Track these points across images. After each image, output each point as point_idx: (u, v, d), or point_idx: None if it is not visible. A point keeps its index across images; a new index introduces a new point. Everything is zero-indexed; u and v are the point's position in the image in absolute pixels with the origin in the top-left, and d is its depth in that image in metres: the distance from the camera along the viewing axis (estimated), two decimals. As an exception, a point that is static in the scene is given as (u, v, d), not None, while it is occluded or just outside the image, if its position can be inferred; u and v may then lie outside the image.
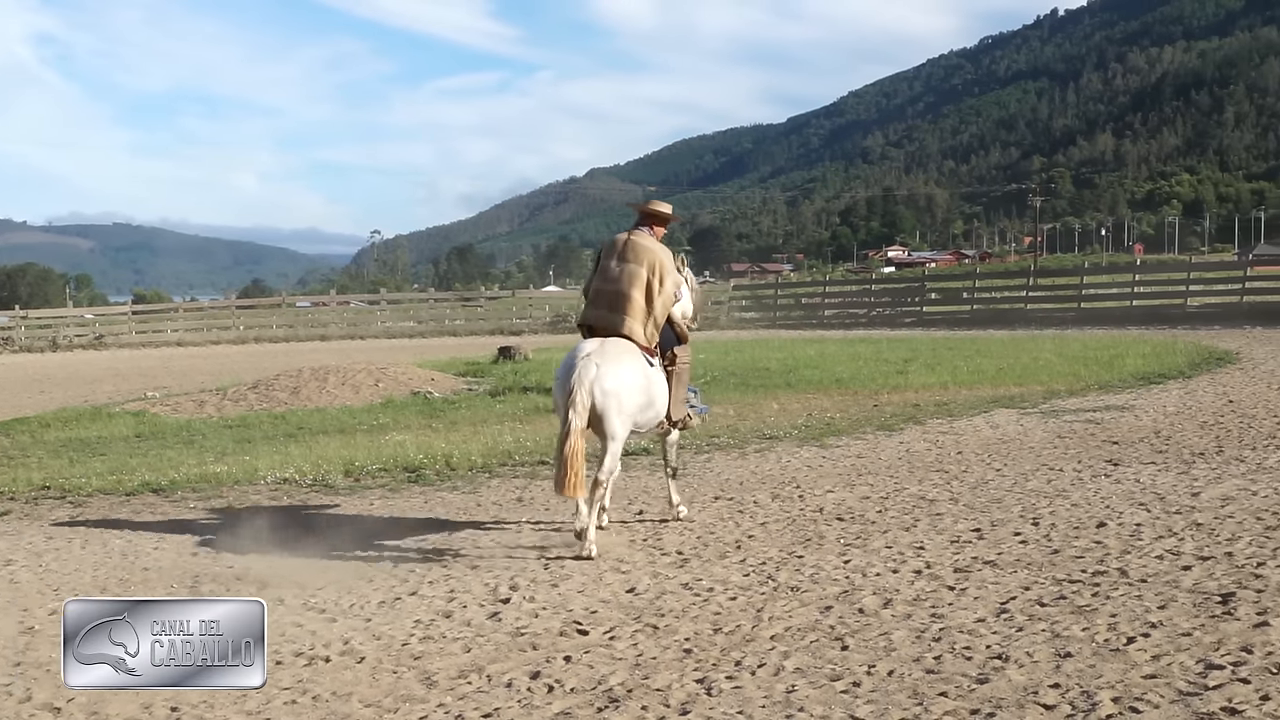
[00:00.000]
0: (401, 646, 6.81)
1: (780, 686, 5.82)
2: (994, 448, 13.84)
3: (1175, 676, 5.59)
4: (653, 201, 10.57)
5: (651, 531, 9.89)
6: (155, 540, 10.20)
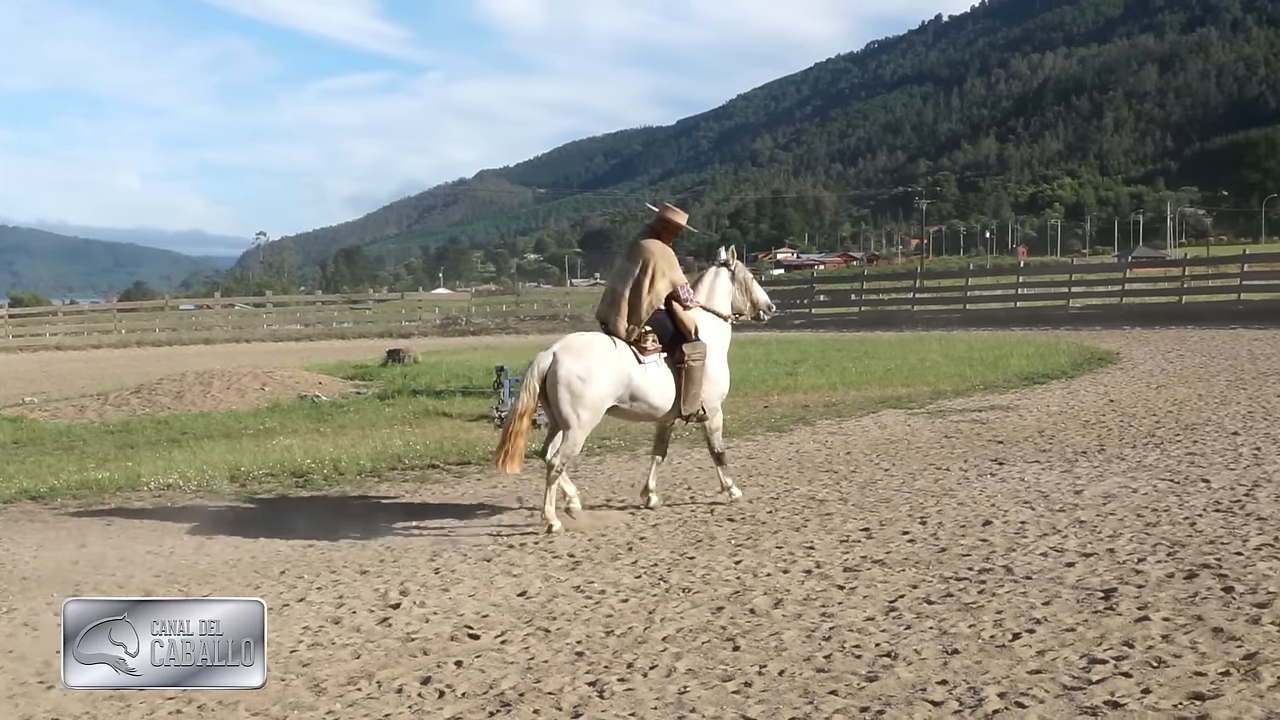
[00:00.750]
0: (290, 654, 6.73)
1: (672, 688, 5.83)
2: (882, 448, 14.00)
3: (1059, 671, 5.69)
4: (666, 208, 10.85)
5: (543, 534, 9.86)
6: (34, 549, 9.99)
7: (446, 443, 15.13)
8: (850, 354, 28.42)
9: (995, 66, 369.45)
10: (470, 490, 12.42)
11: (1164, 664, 5.67)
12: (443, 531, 10.18)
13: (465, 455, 14.29)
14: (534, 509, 10.90)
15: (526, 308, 62.59)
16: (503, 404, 18.09)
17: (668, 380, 10.28)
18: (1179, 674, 5.52)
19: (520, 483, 12.67)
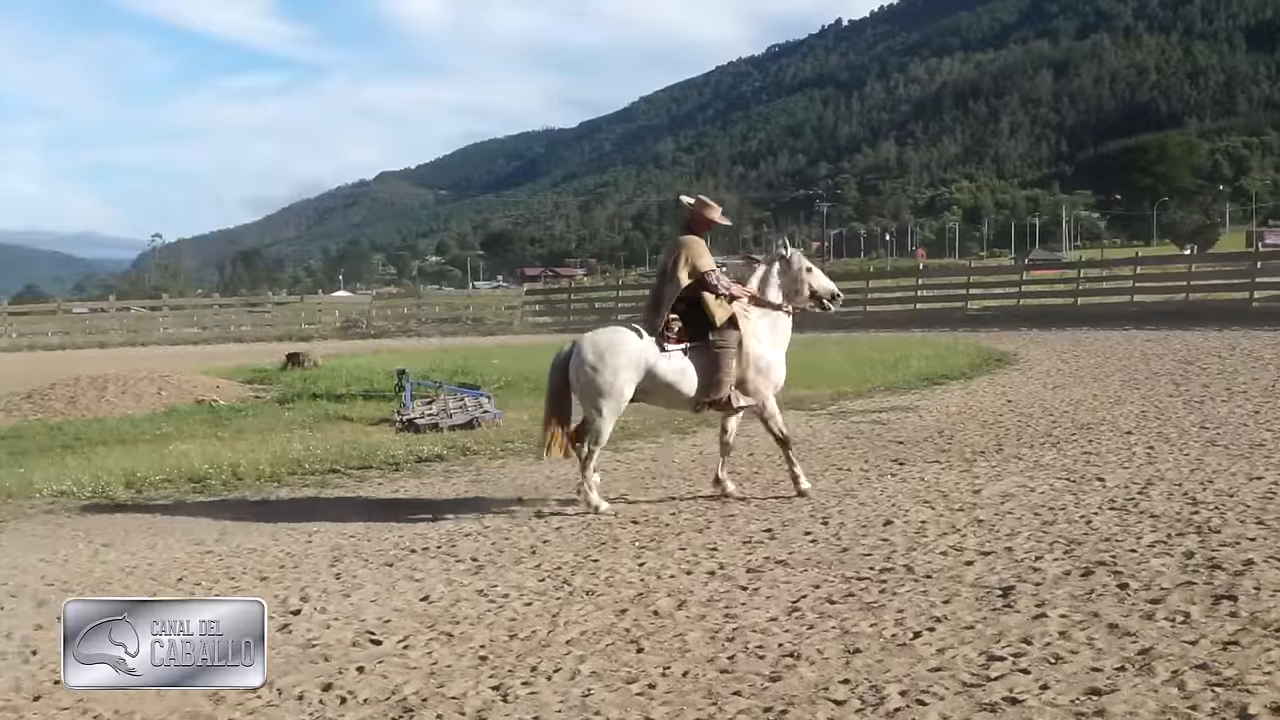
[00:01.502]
0: (187, 662, 6.62)
1: (576, 691, 5.82)
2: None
3: (959, 669, 5.76)
4: (700, 201, 11.07)
5: (446, 539, 9.79)
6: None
7: (347, 447, 14.98)
8: (753, 356, 28.50)
9: (894, 71, 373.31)
10: (372, 495, 12.31)
11: (1061, 660, 5.76)
12: (344, 536, 10.08)
13: (366, 460, 14.15)
14: (439, 517, 10.85)
15: (428, 310, 62.16)
16: (404, 408, 17.96)
17: (695, 369, 10.46)
18: (1076, 670, 5.61)
19: (423, 487, 12.60)
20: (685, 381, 10.44)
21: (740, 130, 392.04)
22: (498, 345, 40.16)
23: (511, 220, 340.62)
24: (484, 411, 17.40)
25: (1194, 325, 31.93)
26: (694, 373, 10.43)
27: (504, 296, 76.42)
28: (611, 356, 10.40)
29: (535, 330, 51.37)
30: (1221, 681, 5.29)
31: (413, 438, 15.88)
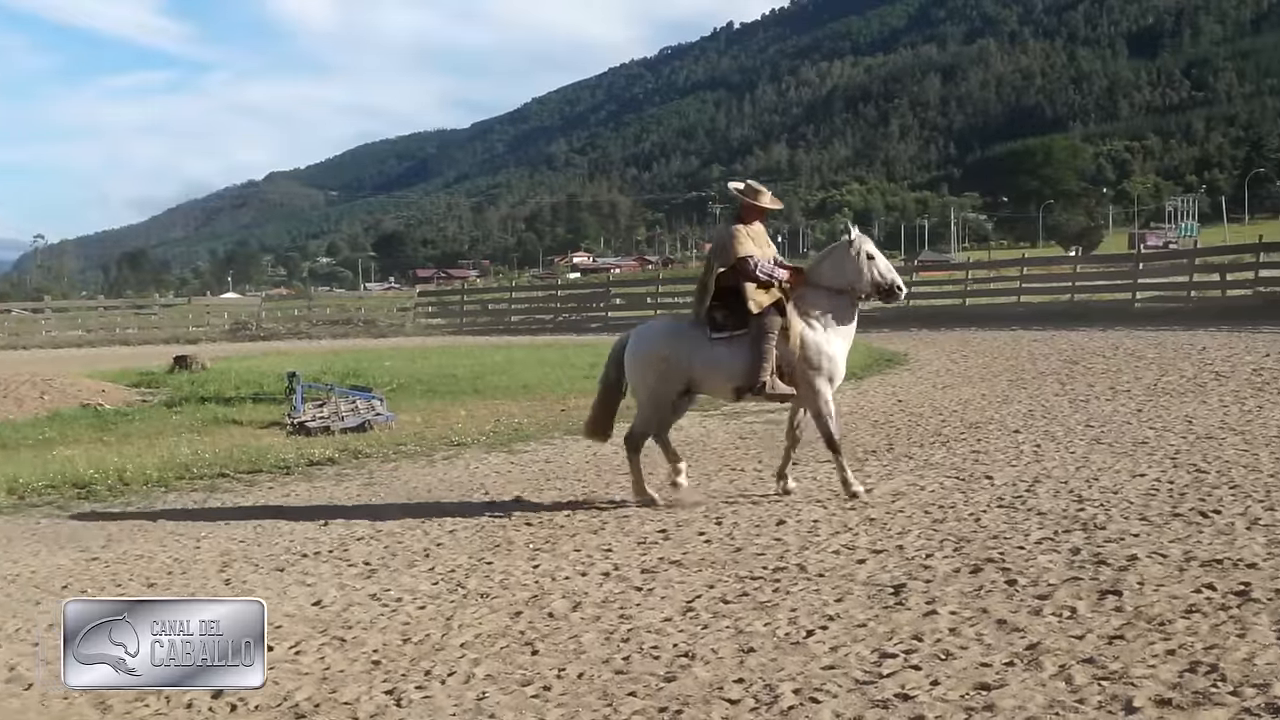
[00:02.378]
0: (72, 672, 6.48)
1: (471, 694, 5.80)
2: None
3: (852, 666, 5.81)
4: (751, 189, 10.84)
5: (338, 543, 9.69)
6: None
7: (237, 451, 14.78)
8: (646, 357, 28.57)
9: (785, 74, 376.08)
10: (262, 499, 12.15)
11: (951, 656, 5.84)
12: (234, 541, 9.94)
13: (256, 464, 13.97)
14: (330, 520, 10.75)
15: (319, 312, 61.50)
16: (295, 411, 17.77)
17: (737, 356, 10.29)
18: (966, 665, 5.68)
19: (315, 491, 12.47)
20: (726, 369, 10.34)
21: (633, 132, 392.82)
22: (390, 347, 39.78)
23: (403, 221, 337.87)
24: (376, 414, 17.28)
25: (1079, 325, 32.53)
26: (735, 360, 10.29)
27: (396, 298, 75.74)
28: (654, 346, 10.59)
29: (428, 332, 51.09)
30: (1107, 675, 5.38)
31: (304, 441, 15.72)
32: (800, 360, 10.32)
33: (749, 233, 10.46)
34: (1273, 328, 26.43)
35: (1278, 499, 8.98)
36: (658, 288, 55.72)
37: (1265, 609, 6.18)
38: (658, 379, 10.56)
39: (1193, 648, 5.66)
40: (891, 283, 10.51)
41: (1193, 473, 10.36)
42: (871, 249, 10.54)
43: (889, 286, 10.52)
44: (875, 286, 10.54)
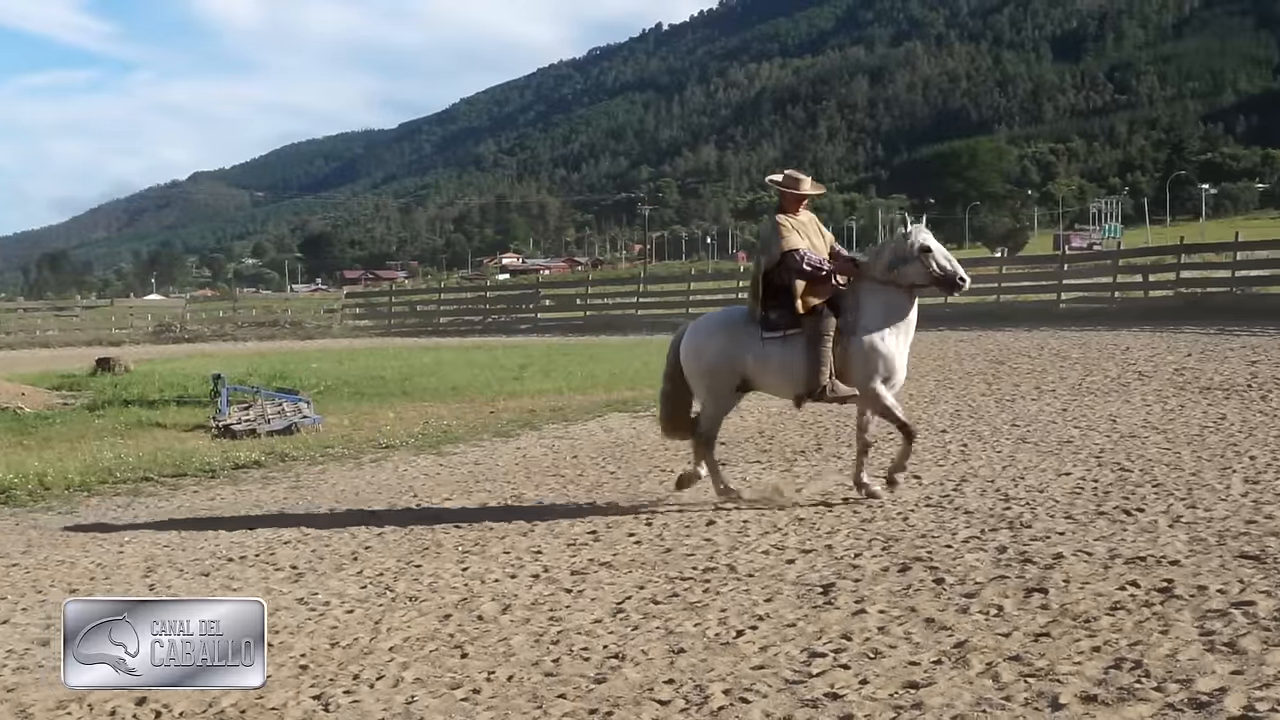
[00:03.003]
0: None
1: (399, 698, 5.76)
2: (609, 451, 14.13)
3: (782, 666, 5.83)
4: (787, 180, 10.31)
5: (265, 547, 9.60)
6: None
7: (161, 454, 14.61)
8: (576, 358, 28.65)
9: (714, 76, 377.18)
10: (187, 503, 12.02)
11: (880, 655, 5.87)
12: (158, 546, 9.82)
13: (181, 467, 13.81)
14: (257, 524, 10.64)
15: (245, 314, 60.95)
16: (220, 413, 17.60)
17: (793, 358, 9.83)
18: (894, 664, 5.72)
19: (240, 495, 12.35)
20: (781, 370, 9.93)
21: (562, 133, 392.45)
22: (317, 349, 39.52)
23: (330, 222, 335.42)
24: (303, 417, 17.16)
25: (1005, 326, 32.85)
26: (791, 362, 9.85)
27: (323, 300, 75.28)
28: (705, 340, 10.28)
29: (355, 334, 50.78)
30: (1034, 672, 5.43)
31: (229, 444, 15.58)
32: (855, 361, 9.78)
33: (794, 224, 10.02)
34: (1194, 328, 26.84)
35: (1199, 497, 9.11)
36: (587, 289, 55.86)
37: (1188, 605, 6.26)
38: (710, 374, 10.21)
39: (1117, 644, 5.73)
40: (953, 274, 9.68)
41: (1117, 471, 10.49)
42: (929, 241, 9.74)
43: (950, 278, 9.70)
44: (934, 279, 9.72)
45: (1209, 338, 24.59)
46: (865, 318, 9.75)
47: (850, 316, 9.77)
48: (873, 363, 9.72)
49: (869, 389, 9.80)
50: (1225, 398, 15.11)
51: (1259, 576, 6.70)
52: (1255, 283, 33.97)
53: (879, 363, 9.72)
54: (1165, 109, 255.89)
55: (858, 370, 9.73)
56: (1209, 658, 5.43)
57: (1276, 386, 15.76)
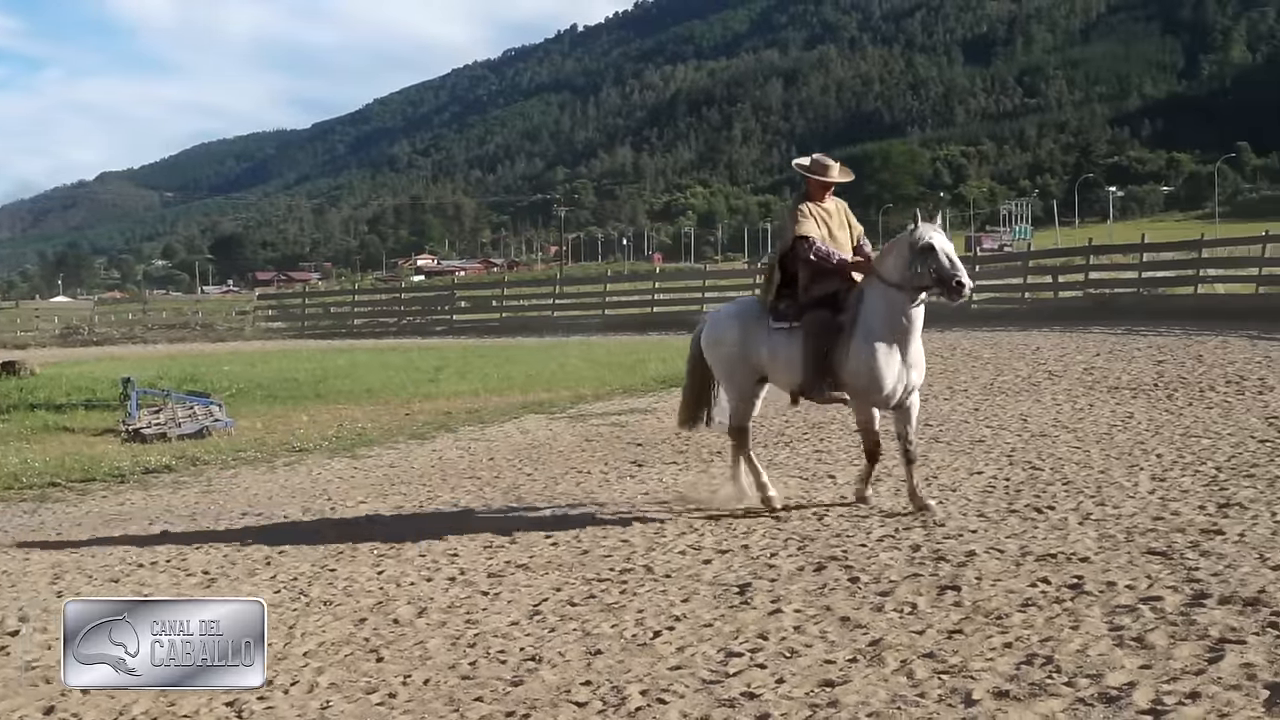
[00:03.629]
0: (-107, 690, 6.25)
1: (314, 703, 5.71)
2: (525, 453, 14.11)
3: (699, 666, 5.85)
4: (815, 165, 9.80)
5: (176, 552, 9.47)
6: None
7: (69, 459, 14.39)
8: (492, 360, 28.55)
9: (630, 77, 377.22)
10: (96, 508, 11.85)
11: (796, 654, 5.90)
12: (66, 553, 9.66)
13: (89, 472, 13.61)
14: (168, 530, 10.50)
15: (155, 316, 60.24)
16: (130, 417, 17.36)
17: (795, 349, 9.33)
18: (810, 663, 5.75)
19: (151, 499, 12.19)
20: (787, 363, 9.41)
21: (477, 134, 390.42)
22: (229, 352, 39.10)
23: (242, 223, 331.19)
24: (215, 420, 16.98)
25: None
26: (794, 355, 9.35)
27: (235, 301, 74.59)
28: (723, 331, 9.86)
29: (268, 336, 50.27)
30: (947, 669, 5.49)
31: (139, 448, 15.39)
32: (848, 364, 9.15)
33: (818, 211, 9.47)
34: (1102, 328, 27.27)
35: (1108, 494, 9.26)
36: (503, 290, 55.74)
37: (1097, 601, 6.36)
38: (728, 365, 9.83)
39: (1029, 640, 5.80)
40: (952, 277, 8.83)
41: (1028, 470, 10.63)
42: (936, 241, 8.94)
43: (950, 282, 8.82)
44: (935, 281, 8.90)
45: (1117, 338, 25.00)
46: (864, 319, 9.10)
47: (850, 316, 9.16)
48: (863, 368, 9.06)
49: (856, 401, 9.35)
50: (1133, 397, 15.36)
51: (1166, 572, 6.82)
52: (1161, 284, 34.58)
53: (869, 369, 9.04)
54: (1073, 113, 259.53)
55: (848, 374, 9.14)
56: (1118, 653, 5.52)
57: (1182, 386, 16.05)
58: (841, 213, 9.68)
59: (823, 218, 9.46)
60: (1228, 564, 6.89)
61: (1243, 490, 8.99)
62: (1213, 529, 7.79)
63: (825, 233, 9.38)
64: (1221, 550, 7.22)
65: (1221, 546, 7.32)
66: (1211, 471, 9.93)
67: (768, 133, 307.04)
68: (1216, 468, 10.09)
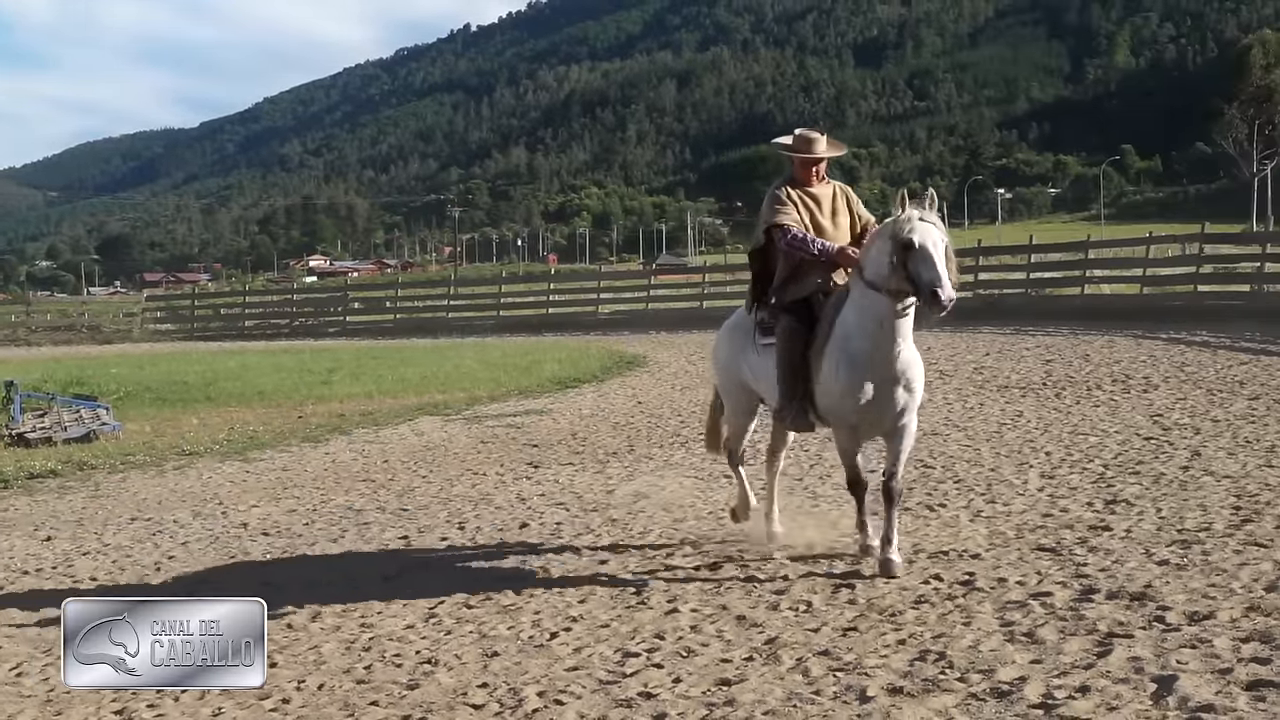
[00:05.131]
0: None
1: (206, 710, 5.64)
2: (420, 455, 14.02)
3: (596, 667, 5.85)
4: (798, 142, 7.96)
5: (63, 559, 9.28)
6: None
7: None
8: (386, 362, 28.31)
9: (524, 78, 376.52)
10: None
11: (693, 653, 5.93)
12: None
13: (-33, 479, 13.28)
14: (54, 536, 10.28)
15: (39, 318, 58.88)
16: (13, 421, 16.98)
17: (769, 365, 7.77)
18: (707, 662, 5.78)
19: (36, 505, 11.93)
20: (764, 384, 7.94)
21: (370, 134, 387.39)
22: (117, 354, 38.37)
23: (129, 224, 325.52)
24: (102, 424, 16.66)
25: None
26: (770, 374, 7.77)
27: (122, 303, 73.18)
28: (719, 343, 8.66)
29: (156, 338, 49.43)
30: (842, 666, 5.55)
31: (23, 453, 15.06)
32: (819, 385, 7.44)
33: (801, 196, 7.72)
34: (992, 328, 27.67)
35: (998, 492, 9.41)
36: (397, 291, 55.31)
37: (988, 597, 6.46)
38: (722, 383, 8.71)
39: (922, 637, 5.88)
40: (929, 284, 6.73)
41: (920, 468, 10.77)
42: (917, 237, 6.80)
43: (927, 290, 6.74)
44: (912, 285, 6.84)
45: (1006, 337, 25.43)
46: (841, 326, 7.26)
47: (827, 322, 7.38)
48: (834, 386, 7.27)
49: (831, 418, 7.51)
50: (1022, 395, 15.63)
51: (1055, 568, 6.95)
52: (1049, 284, 35.25)
53: (841, 387, 7.22)
54: (962, 116, 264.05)
55: (820, 392, 7.40)
56: (1009, 648, 5.61)
57: (1070, 384, 16.36)
58: (838, 199, 7.87)
59: (807, 204, 7.71)
60: (1115, 559, 7.04)
61: (1129, 487, 9.19)
62: (1100, 525, 7.96)
63: (809, 221, 7.64)
64: (1109, 546, 7.37)
65: (1109, 542, 7.47)
66: (1099, 469, 10.14)
67: (661, 134, 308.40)
68: (1104, 465, 10.30)
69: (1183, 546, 7.22)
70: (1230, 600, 6.07)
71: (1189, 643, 5.47)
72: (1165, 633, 5.64)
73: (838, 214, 7.78)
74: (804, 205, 7.65)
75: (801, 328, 7.49)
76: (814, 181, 7.80)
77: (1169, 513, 8.16)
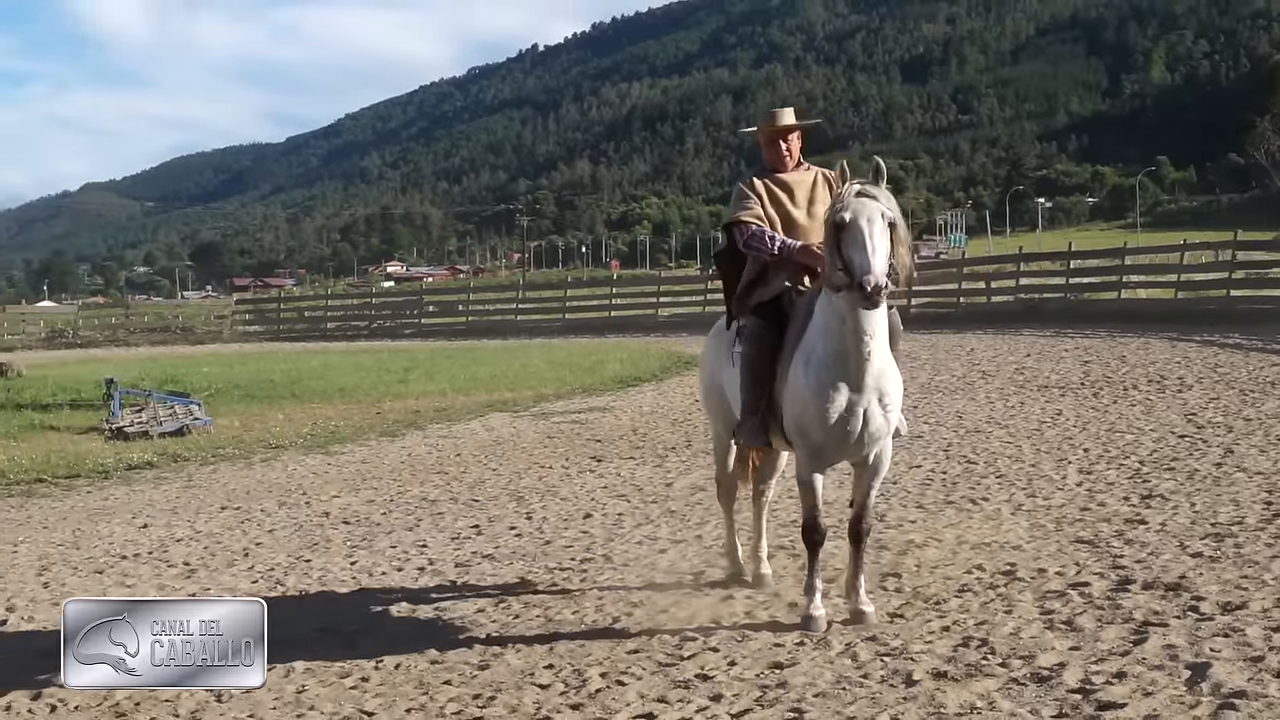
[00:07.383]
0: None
1: (291, 687, 5.67)
2: (490, 449, 14.06)
3: (655, 650, 5.84)
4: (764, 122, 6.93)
5: (158, 545, 9.39)
6: None
7: (54, 456, 14.23)
8: (459, 361, 28.44)
9: (588, 94, 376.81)
10: (80, 503, 11.72)
11: (748, 638, 5.91)
12: (52, 545, 9.55)
13: (74, 468, 13.46)
14: (150, 523, 10.40)
15: (137, 320, 59.60)
16: (113, 416, 17.20)
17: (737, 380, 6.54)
18: (760, 646, 5.76)
19: (133, 494, 12.08)
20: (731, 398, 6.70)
21: (444, 147, 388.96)
22: (208, 354, 38.82)
23: (220, 232, 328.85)
24: (194, 419, 16.85)
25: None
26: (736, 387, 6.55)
27: (214, 306, 73.96)
28: (704, 352, 7.39)
29: (245, 339, 49.91)
30: (889, 651, 5.52)
31: (122, 446, 15.25)
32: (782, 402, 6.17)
33: (769, 187, 6.59)
34: (1032, 331, 27.43)
35: (1038, 486, 9.32)
36: (469, 295, 55.56)
37: (1029, 587, 6.40)
38: (703, 388, 7.56)
39: (965, 624, 5.83)
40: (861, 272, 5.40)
41: (963, 464, 10.68)
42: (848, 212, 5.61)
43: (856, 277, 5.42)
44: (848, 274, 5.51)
45: (1046, 340, 25.16)
46: (809, 333, 6.00)
47: (796, 329, 6.13)
48: (794, 403, 6.01)
49: (792, 440, 6.23)
50: (1061, 395, 15.46)
51: (1093, 559, 6.87)
52: (1087, 289, 34.81)
53: (800, 404, 5.97)
54: (1004, 129, 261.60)
55: (786, 403, 6.10)
56: (1049, 635, 5.56)
57: (1107, 384, 16.17)
58: (818, 187, 6.64)
59: (775, 194, 6.55)
60: (1150, 552, 6.95)
61: (1164, 482, 9.07)
62: (1136, 519, 7.86)
63: (777, 213, 6.49)
64: (1145, 539, 7.29)
65: (1145, 535, 7.38)
66: (1135, 465, 10.01)
67: (718, 147, 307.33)
68: (1139, 461, 10.17)
69: (1216, 540, 7.12)
70: (1262, 591, 5.99)
71: (1222, 631, 5.40)
72: (1199, 622, 5.57)
73: (815, 203, 6.50)
74: (772, 196, 6.50)
75: (770, 332, 6.26)
76: (787, 167, 6.66)
77: (1203, 507, 8.05)
